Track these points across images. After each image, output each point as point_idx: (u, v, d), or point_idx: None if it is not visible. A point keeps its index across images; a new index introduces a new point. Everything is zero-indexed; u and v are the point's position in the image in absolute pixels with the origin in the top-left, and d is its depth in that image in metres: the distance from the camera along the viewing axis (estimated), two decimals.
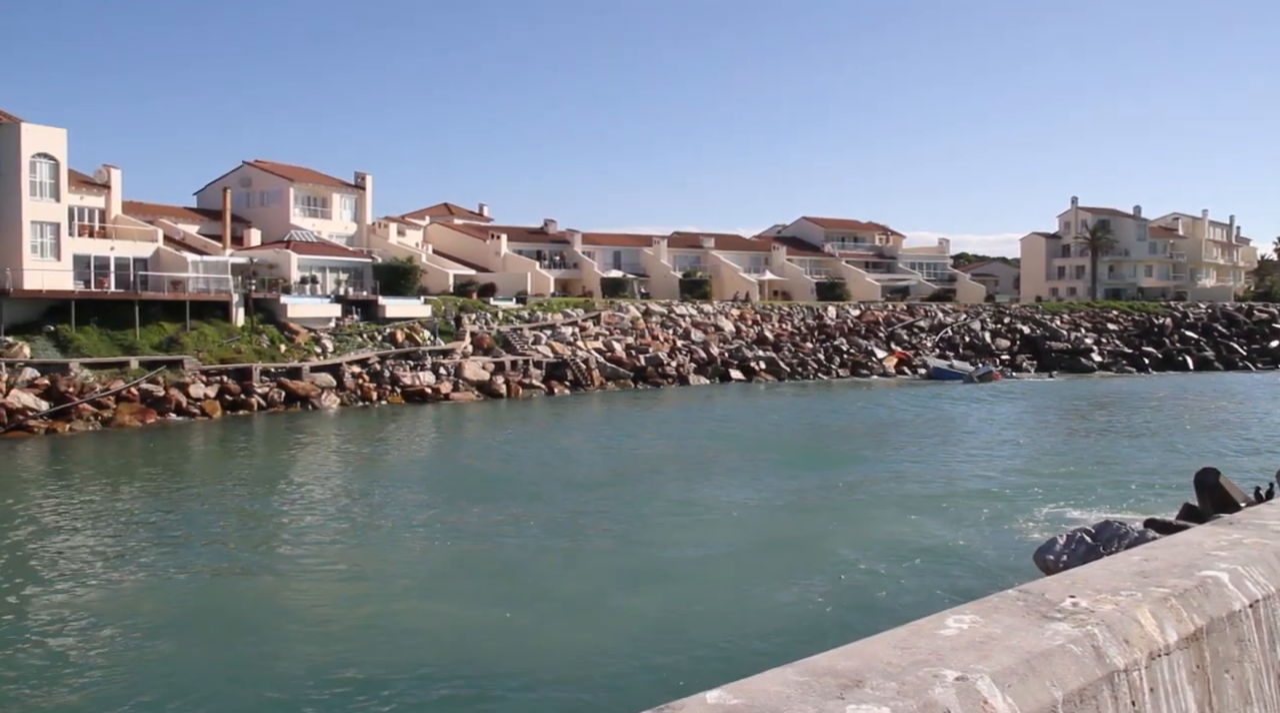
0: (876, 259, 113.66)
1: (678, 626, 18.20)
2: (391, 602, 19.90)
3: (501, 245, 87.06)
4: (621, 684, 15.52)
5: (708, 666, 15.88)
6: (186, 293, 59.11)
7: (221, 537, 26.24)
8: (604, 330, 76.50)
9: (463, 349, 66.04)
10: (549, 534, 25.62)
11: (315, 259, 69.05)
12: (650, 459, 39.28)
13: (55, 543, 25.22)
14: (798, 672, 2.76)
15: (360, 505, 30.16)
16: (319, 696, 15.25)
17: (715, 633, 17.70)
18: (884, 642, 3.00)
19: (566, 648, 17.07)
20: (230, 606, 20.25)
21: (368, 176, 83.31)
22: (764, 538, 25.00)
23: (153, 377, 52.20)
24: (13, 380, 48.58)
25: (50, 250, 56.62)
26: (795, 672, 2.76)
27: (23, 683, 16.11)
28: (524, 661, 16.47)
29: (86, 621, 19.12)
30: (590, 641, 17.44)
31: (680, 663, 16.24)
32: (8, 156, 55.78)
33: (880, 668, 2.78)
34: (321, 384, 57.05)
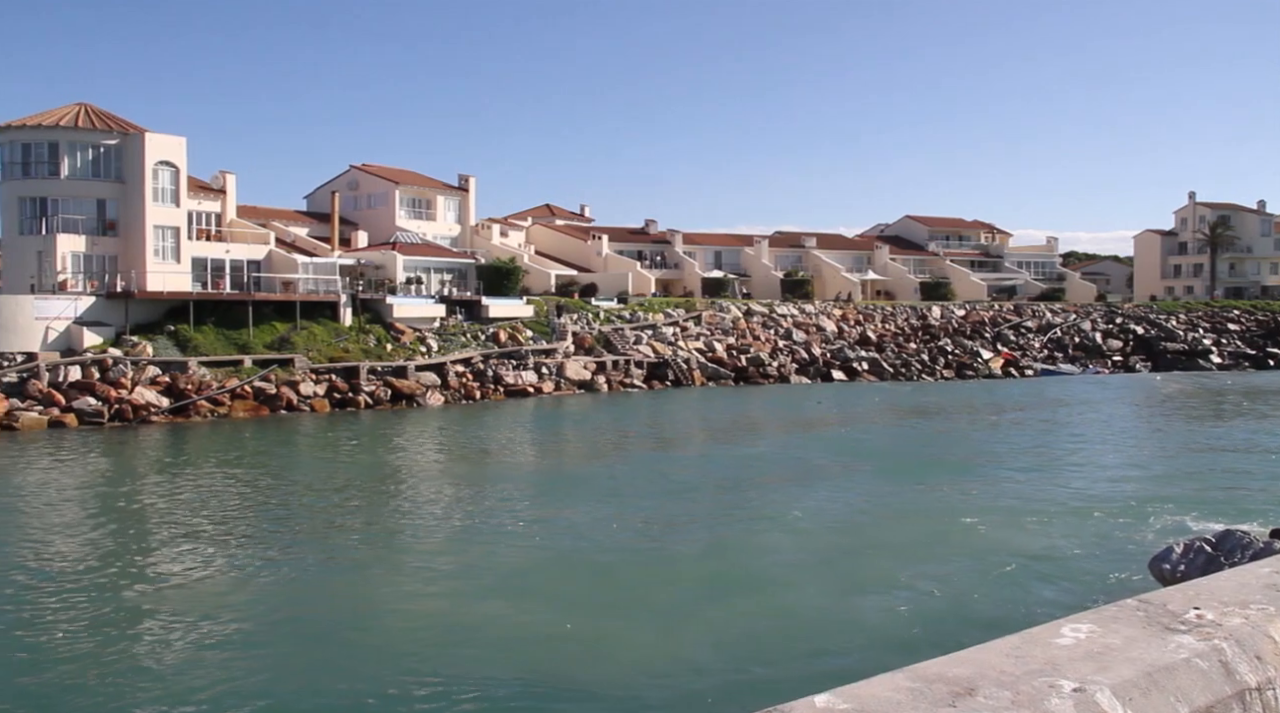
0: (982, 258, 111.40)
1: (774, 632, 17.99)
2: (482, 602, 20.01)
3: (603, 246, 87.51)
4: (716, 692, 15.42)
5: (806, 673, 15.70)
6: (297, 294, 60.71)
7: (318, 530, 26.82)
8: (705, 330, 76.39)
9: (564, 349, 66.57)
10: (641, 537, 25.59)
11: (420, 260, 70.32)
12: (745, 460, 39.06)
13: (160, 530, 26.09)
14: (908, 678, 2.71)
15: (456, 501, 30.57)
16: (402, 694, 15.41)
17: (813, 640, 17.48)
18: (996, 649, 2.93)
19: (659, 655, 16.98)
20: (322, 599, 20.63)
21: (471, 178, 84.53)
22: (863, 543, 24.58)
23: (265, 375, 53.78)
24: (137, 378, 50.58)
25: (170, 253, 58.70)
26: (905, 678, 2.71)
27: (115, 668, 16.68)
28: (614, 667, 16.43)
29: (180, 608, 19.72)
30: (683, 647, 17.33)
31: (777, 671, 16.08)
32: (132, 165, 58.00)
33: (993, 677, 2.71)
34: (426, 383, 58.08)
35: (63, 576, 22.31)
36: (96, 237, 57.52)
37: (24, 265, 57.05)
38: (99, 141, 58.04)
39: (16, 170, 57.84)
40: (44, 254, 56.36)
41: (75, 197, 57.40)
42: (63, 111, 58.75)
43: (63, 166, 57.35)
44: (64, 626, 18.88)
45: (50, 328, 52.16)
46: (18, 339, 51.36)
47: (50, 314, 52.47)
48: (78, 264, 56.63)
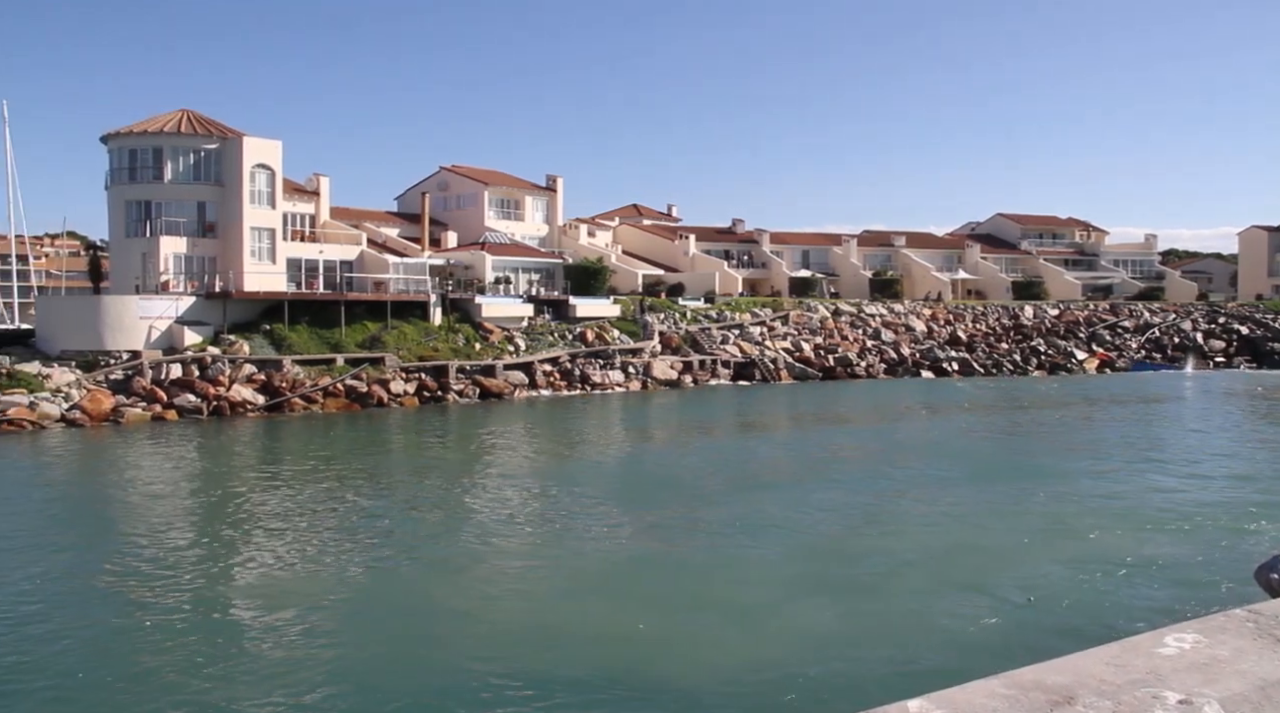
0: (1077, 256, 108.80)
1: (861, 634, 17.76)
2: (562, 601, 20.07)
3: (690, 245, 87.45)
4: (803, 695, 15.28)
5: (895, 677, 15.48)
6: (388, 293, 61.73)
7: (404, 525, 27.16)
8: (792, 330, 75.89)
9: (651, 348, 66.65)
10: (724, 536, 25.46)
11: (508, 260, 71.00)
12: (829, 459, 38.68)
13: (252, 521, 26.68)
14: (1004, 684, 2.64)
15: (539, 498, 30.71)
16: (485, 690, 15.52)
17: (902, 643, 17.21)
18: (1096, 658, 2.83)
19: (745, 655, 16.86)
20: (407, 593, 20.89)
21: (559, 179, 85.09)
22: (953, 544, 24.13)
23: (356, 373, 54.79)
24: (234, 376, 51.95)
25: (267, 254, 60.11)
26: (1001, 684, 2.64)
27: (207, 656, 17.09)
28: (700, 668, 16.34)
29: (269, 599, 20.12)
30: (769, 648, 17.19)
31: (866, 674, 15.88)
32: (231, 168, 59.54)
33: (1093, 686, 2.62)
34: (514, 382, 58.62)
35: (161, 563, 22.97)
36: (197, 238, 59.16)
37: (129, 267, 58.93)
38: (200, 146, 59.67)
39: (124, 175, 59.76)
40: (148, 256, 58.13)
41: (177, 200, 59.10)
42: (166, 118, 60.53)
43: (166, 171, 59.08)
44: (160, 613, 19.42)
45: (153, 327, 53.82)
46: (123, 338, 53.12)
47: (153, 314, 54.14)
48: (179, 265, 58.29)
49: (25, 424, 45.04)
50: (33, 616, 19.21)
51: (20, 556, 23.87)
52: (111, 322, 53.35)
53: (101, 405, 47.83)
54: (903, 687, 14.70)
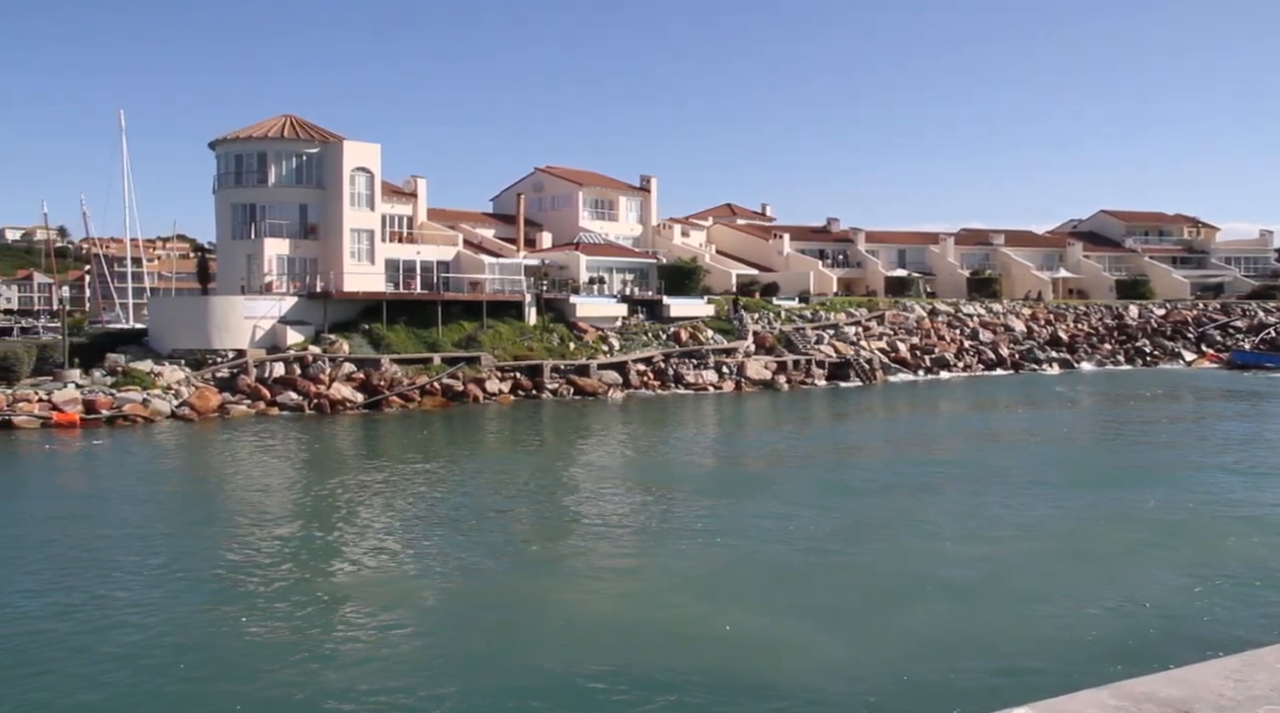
0: (1185, 254, 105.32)
1: (963, 640, 17.35)
2: (657, 599, 19.98)
3: (784, 245, 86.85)
4: (903, 700, 14.99)
5: (999, 685, 15.09)
6: (484, 293, 62.45)
7: (499, 522, 27.38)
8: (888, 330, 74.88)
9: (745, 348, 66.32)
10: (819, 538, 25.14)
11: (603, 260, 71.29)
12: (926, 460, 38.01)
13: (350, 517, 27.15)
14: (1114, 695, 2.49)
15: (633, 498, 30.71)
16: (581, 688, 15.53)
17: (1005, 650, 16.78)
18: (1213, 671, 2.66)
19: (842, 659, 16.61)
20: (501, 591, 21.00)
21: (653, 179, 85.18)
22: (1058, 551, 23.45)
23: (453, 372, 55.53)
24: (334, 374, 53.07)
25: (366, 255, 61.26)
26: (1111, 695, 2.49)
27: (303, 647, 17.39)
28: (795, 671, 16.12)
29: (366, 594, 20.44)
30: (866, 652, 16.91)
31: (968, 681, 15.51)
32: (332, 171, 60.83)
33: (1210, 700, 2.46)
34: (608, 381, 58.82)
35: (262, 555, 23.52)
36: (299, 240, 60.54)
37: (235, 268, 60.57)
38: (302, 150, 61.06)
39: (230, 179, 61.46)
40: (253, 257, 59.68)
41: (280, 202, 60.55)
42: (270, 123, 62.08)
43: (270, 175, 60.59)
44: (260, 604, 19.87)
45: (257, 327, 55.25)
46: (229, 337, 54.64)
47: (257, 314, 55.58)
48: (282, 266, 59.73)
49: (139, 420, 46.63)
50: (140, 603, 19.80)
51: (131, 544, 24.65)
52: (218, 321, 54.92)
53: (209, 403, 49.26)
54: (1007, 695, 14.36)
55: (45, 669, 16.48)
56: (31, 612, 19.28)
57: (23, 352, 51.83)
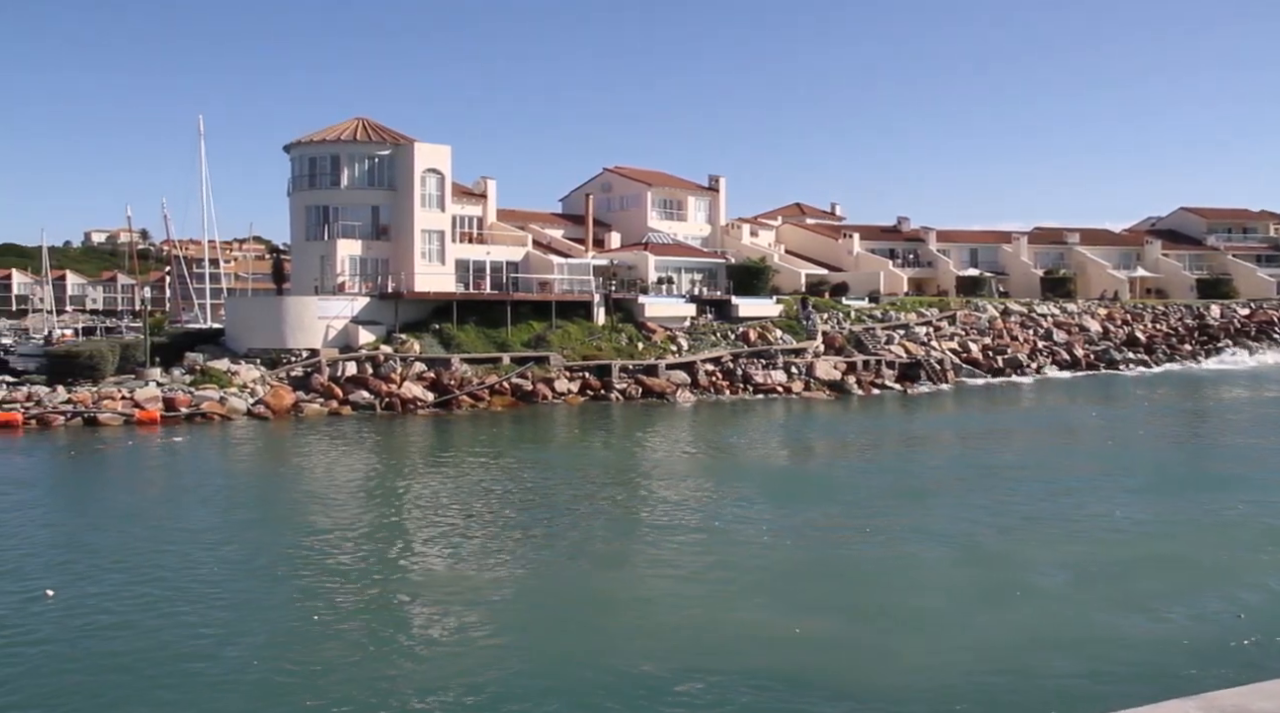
0: (1270, 252, 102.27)
1: (1043, 647, 16.94)
2: (727, 603, 19.84)
3: (854, 244, 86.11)
4: (979, 707, 14.73)
5: (1079, 693, 14.76)
6: (553, 293, 62.73)
7: (568, 522, 27.44)
8: (959, 330, 73.85)
9: (814, 348, 65.85)
10: (892, 542, 24.83)
11: (671, 260, 71.24)
12: (1001, 463, 37.40)
13: (422, 515, 27.39)
14: (1201, 706, 2.39)
15: (703, 499, 30.61)
16: (643, 689, 15.46)
17: (1086, 657, 16.38)
18: None
19: (918, 664, 16.35)
20: (571, 590, 21.04)
21: (721, 179, 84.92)
22: (1145, 555, 22.83)
23: (522, 372, 55.88)
24: (405, 374, 53.71)
25: (436, 256, 61.88)
26: (1198, 706, 2.39)
27: (378, 646, 17.56)
28: (873, 675, 15.90)
29: (438, 592, 20.62)
30: (943, 657, 16.62)
31: (1047, 688, 15.18)
32: (403, 173, 61.55)
33: None
34: (676, 381, 58.75)
35: (336, 553, 23.84)
36: (371, 241, 61.34)
37: (308, 269, 61.53)
38: (374, 152, 61.85)
39: (304, 182, 62.47)
40: (326, 258, 60.59)
41: (353, 204, 61.40)
42: (343, 127, 62.98)
43: (343, 177, 61.46)
44: (333, 600, 20.14)
45: (330, 326, 56.09)
46: (304, 337, 55.56)
47: (330, 314, 56.43)
48: (354, 267, 60.55)
49: (216, 417, 47.62)
50: (219, 598, 20.19)
51: (210, 539, 25.17)
52: (292, 321, 55.86)
53: (283, 401, 50.13)
54: (1091, 704, 14.04)
55: (127, 662, 16.86)
56: (114, 606, 19.76)
57: (107, 351, 53.22)
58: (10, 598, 19.97)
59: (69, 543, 24.91)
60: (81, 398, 48.05)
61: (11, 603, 19.64)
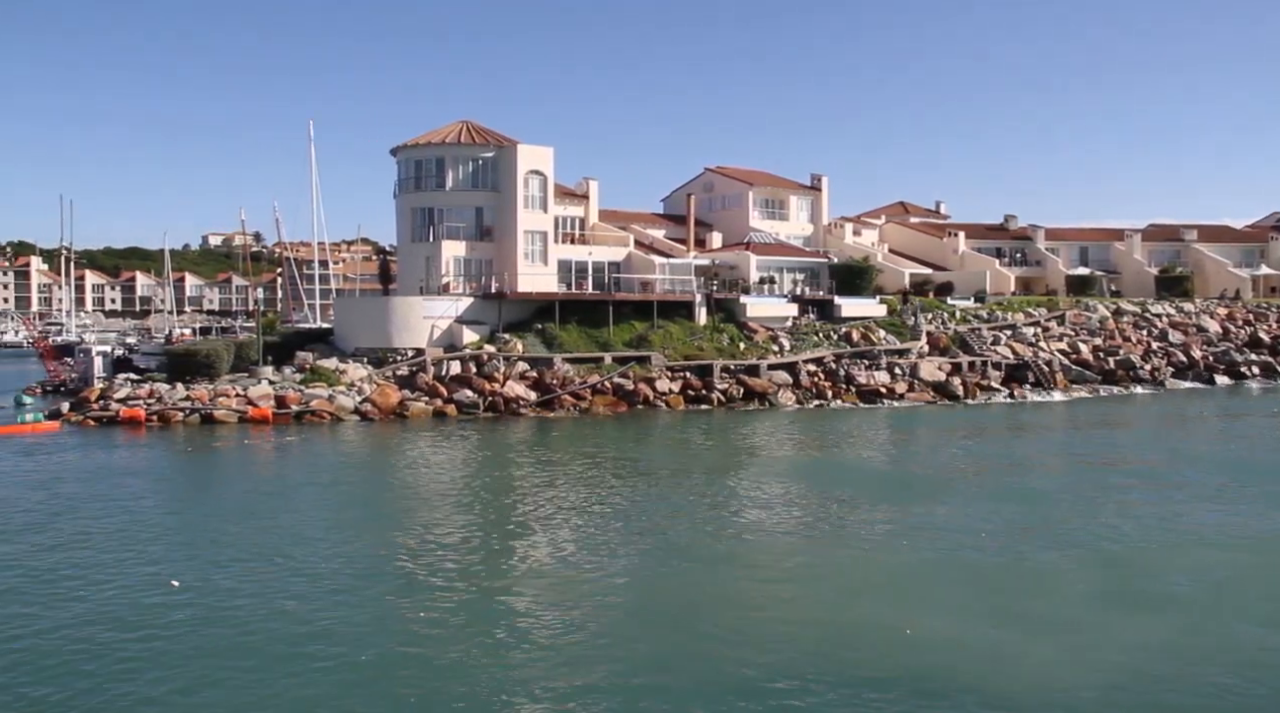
0: None
1: (1181, 659, 16.37)
2: (843, 606, 19.59)
3: (959, 243, 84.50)
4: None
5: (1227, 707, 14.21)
6: (654, 293, 62.77)
7: (673, 523, 27.40)
8: (1069, 331, 71.89)
9: (918, 349, 64.79)
10: (1015, 545, 24.24)
11: (773, 260, 70.76)
12: (1123, 470, 36.31)
13: (526, 514, 27.63)
14: None
15: (809, 502, 30.33)
16: (756, 693, 15.33)
17: (1229, 672, 15.73)
18: None
19: (1058, 671, 15.91)
20: (679, 591, 20.98)
21: (824, 178, 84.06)
22: None
23: (624, 372, 56.05)
24: (508, 373, 54.30)
25: (539, 257, 62.43)
26: None
27: (481, 643, 17.69)
28: (1008, 681, 15.51)
29: (542, 591, 20.77)
30: (1083, 665, 16.12)
31: (1185, 704, 14.63)
32: (506, 174, 62.25)
33: None
34: (778, 382, 58.33)
35: (443, 551, 24.17)
36: (475, 242, 62.16)
37: (414, 269, 62.61)
38: (478, 155, 62.67)
39: (410, 184, 63.59)
40: (431, 259, 61.58)
41: (457, 206, 62.30)
42: (448, 129, 63.93)
43: (448, 179, 62.42)
44: (440, 598, 20.40)
45: (435, 326, 56.99)
46: (409, 336, 56.56)
47: (435, 314, 57.34)
48: (458, 267, 61.42)
49: (325, 415, 48.75)
50: (330, 592, 20.63)
51: (322, 535, 25.74)
52: (398, 321, 56.90)
53: (389, 399, 51.08)
54: None
55: (246, 650, 17.32)
56: (233, 597, 20.34)
57: (222, 350, 54.92)
58: (140, 588, 20.75)
59: (191, 536, 25.74)
60: (199, 395, 49.65)
61: (141, 592, 20.41)
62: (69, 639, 17.73)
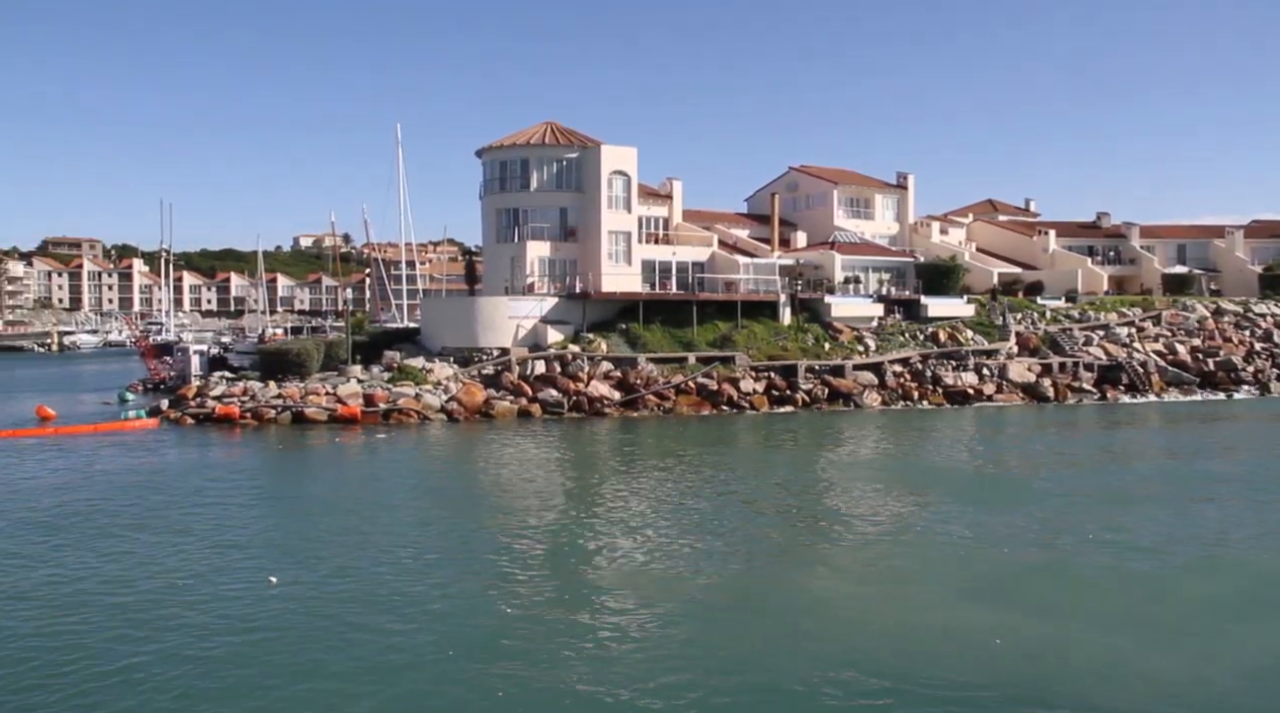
0: None
1: None
2: (937, 608, 19.27)
3: (1049, 241, 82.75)
4: None
5: None
6: (738, 293, 62.58)
7: (760, 524, 27.27)
8: (1165, 331, 69.93)
9: (1007, 350, 63.65)
10: (1121, 550, 23.64)
11: (858, 259, 70.06)
12: (1227, 473, 35.23)
13: (611, 513, 27.69)
14: None
15: (900, 504, 29.94)
16: (846, 696, 15.17)
17: None
18: None
19: (1180, 679, 15.53)
20: (767, 593, 20.81)
21: (910, 176, 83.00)
22: None
23: (708, 372, 55.97)
24: (592, 372, 54.56)
25: (622, 257, 62.62)
26: None
27: (567, 640, 17.75)
28: (1127, 689, 15.18)
29: (628, 590, 20.76)
30: (1209, 674, 15.71)
31: None
32: (590, 175, 62.56)
33: None
34: (863, 382, 57.77)
35: (527, 551, 24.36)
36: (559, 242, 62.58)
37: (499, 270, 63.24)
38: (562, 156, 63.08)
39: (495, 186, 64.26)
40: (516, 259, 62.14)
41: (542, 207, 62.79)
42: (532, 131, 64.47)
43: (532, 180, 62.94)
44: (526, 597, 20.55)
45: (520, 326, 57.51)
46: (494, 336, 57.16)
47: (520, 313, 57.86)
48: (543, 268, 61.89)
49: (412, 414, 49.48)
50: (419, 590, 20.93)
51: (411, 534, 26.13)
52: (484, 321, 57.53)
53: (475, 398, 51.67)
54: None
55: (340, 644, 17.65)
56: (327, 593, 20.76)
57: (313, 349, 56.07)
58: (241, 584, 21.31)
59: (286, 533, 26.32)
60: (290, 393, 50.74)
61: (242, 589, 20.95)
62: (181, 629, 18.30)
